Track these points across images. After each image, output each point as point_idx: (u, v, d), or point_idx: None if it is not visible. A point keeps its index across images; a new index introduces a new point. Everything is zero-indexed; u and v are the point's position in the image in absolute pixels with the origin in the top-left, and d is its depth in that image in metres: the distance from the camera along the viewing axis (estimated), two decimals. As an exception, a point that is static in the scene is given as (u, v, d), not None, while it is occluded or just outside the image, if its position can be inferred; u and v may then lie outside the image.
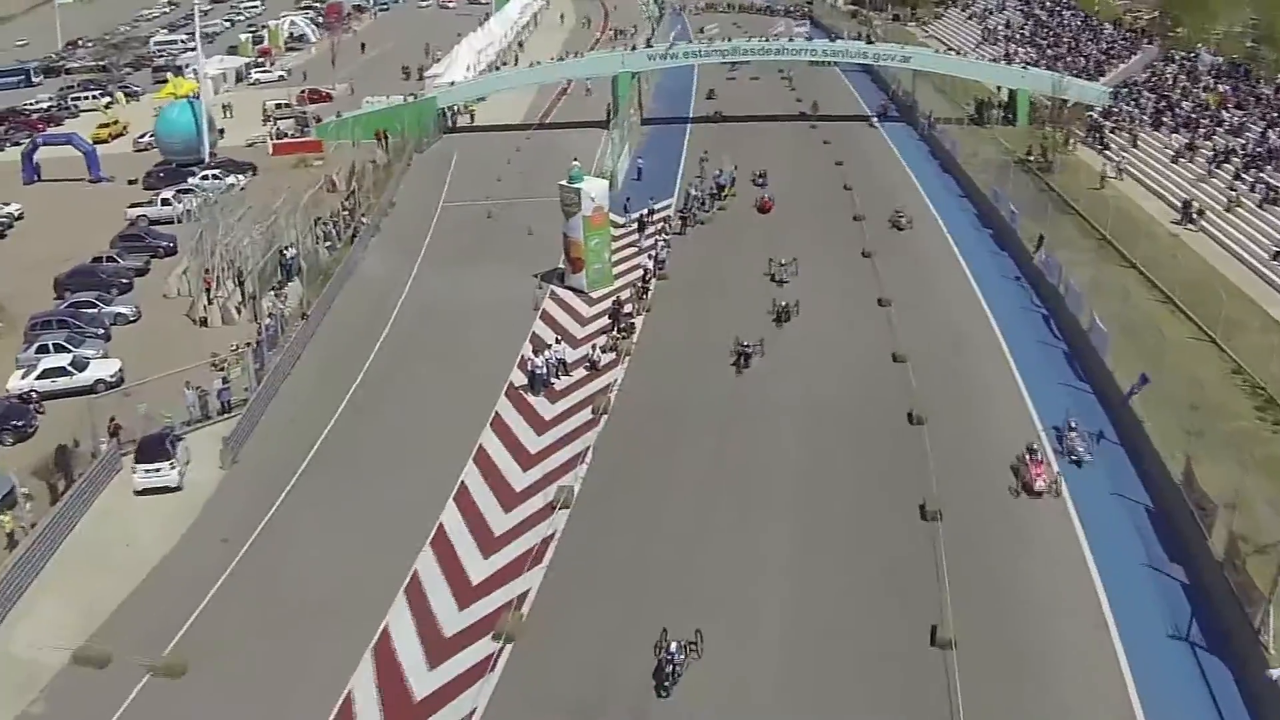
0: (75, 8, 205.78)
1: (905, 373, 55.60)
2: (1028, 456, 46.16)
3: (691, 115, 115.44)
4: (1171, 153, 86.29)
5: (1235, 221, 73.20)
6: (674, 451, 50.29)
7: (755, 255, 71.44)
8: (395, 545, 44.64)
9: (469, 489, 48.70)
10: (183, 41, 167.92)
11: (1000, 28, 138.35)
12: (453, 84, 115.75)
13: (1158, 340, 54.98)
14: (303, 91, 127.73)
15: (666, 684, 35.04)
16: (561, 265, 69.23)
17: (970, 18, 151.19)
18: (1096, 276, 64.09)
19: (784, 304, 62.11)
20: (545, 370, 56.10)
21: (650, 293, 66.25)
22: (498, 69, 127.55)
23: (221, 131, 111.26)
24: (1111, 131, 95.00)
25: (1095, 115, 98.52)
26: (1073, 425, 48.50)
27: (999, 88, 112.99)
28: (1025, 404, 52.61)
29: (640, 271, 68.25)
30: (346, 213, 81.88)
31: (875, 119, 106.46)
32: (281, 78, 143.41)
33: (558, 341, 58.99)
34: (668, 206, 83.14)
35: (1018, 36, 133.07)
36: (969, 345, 59.29)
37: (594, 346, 59.10)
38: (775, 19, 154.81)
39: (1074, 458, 47.30)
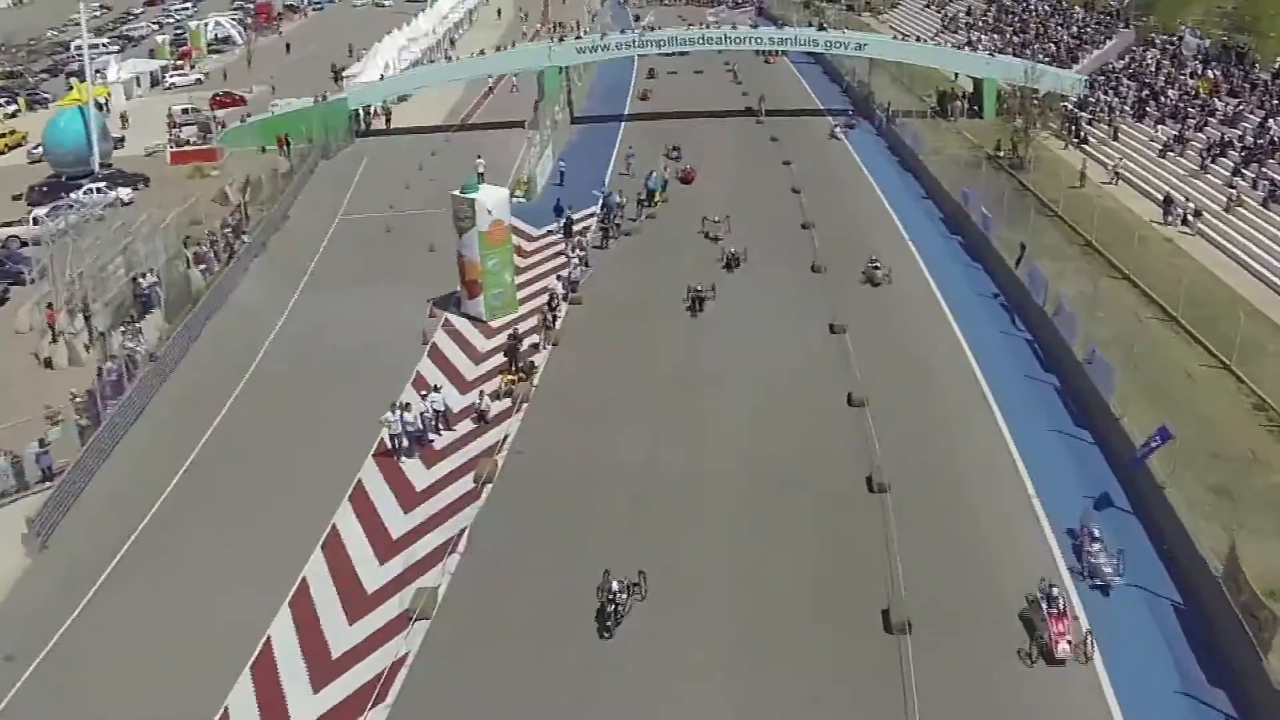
0: (5, 12, 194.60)
1: (864, 421, 44.87)
2: (1044, 605, 32.14)
3: (627, 113, 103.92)
4: (1159, 146, 75.42)
5: (1236, 223, 63.14)
6: (571, 530, 39.31)
7: (686, 271, 60.68)
8: (211, 671, 33.50)
9: (310, 591, 37.43)
10: (104, 45, 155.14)
11: (961, 14, 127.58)
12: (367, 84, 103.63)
13: (1166, 369, 45.86)
14: (214, 95, 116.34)
15: (609, 624, 33.02)
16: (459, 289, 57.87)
17: (928, 5, 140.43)
18: (1085, 290, 53.80)
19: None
20: (413, 428, 44.55)
21: (558, 321, 54.49)
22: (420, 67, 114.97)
23: (120, 140, 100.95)
24: (1089, 123, 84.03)
25: (1070, 106, 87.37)
26: (1095, 534, 36.03)
27: (955, 76, 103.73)
28: (1016, 468, 41.74)
29: (551, 294, 56.70)
30: (229, 230, 70.05)
31: (839, 129, 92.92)
32: (199, 81, 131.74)
33: (436, 389, 46.92)
34: (590, 214, 71.99)
35: (980, 23, 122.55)
36: (939, 383, 48.55)
37: (481, 393, 47.26)
38: (719, 9, 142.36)
39: (1098, 582, 34.71)
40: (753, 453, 43.27)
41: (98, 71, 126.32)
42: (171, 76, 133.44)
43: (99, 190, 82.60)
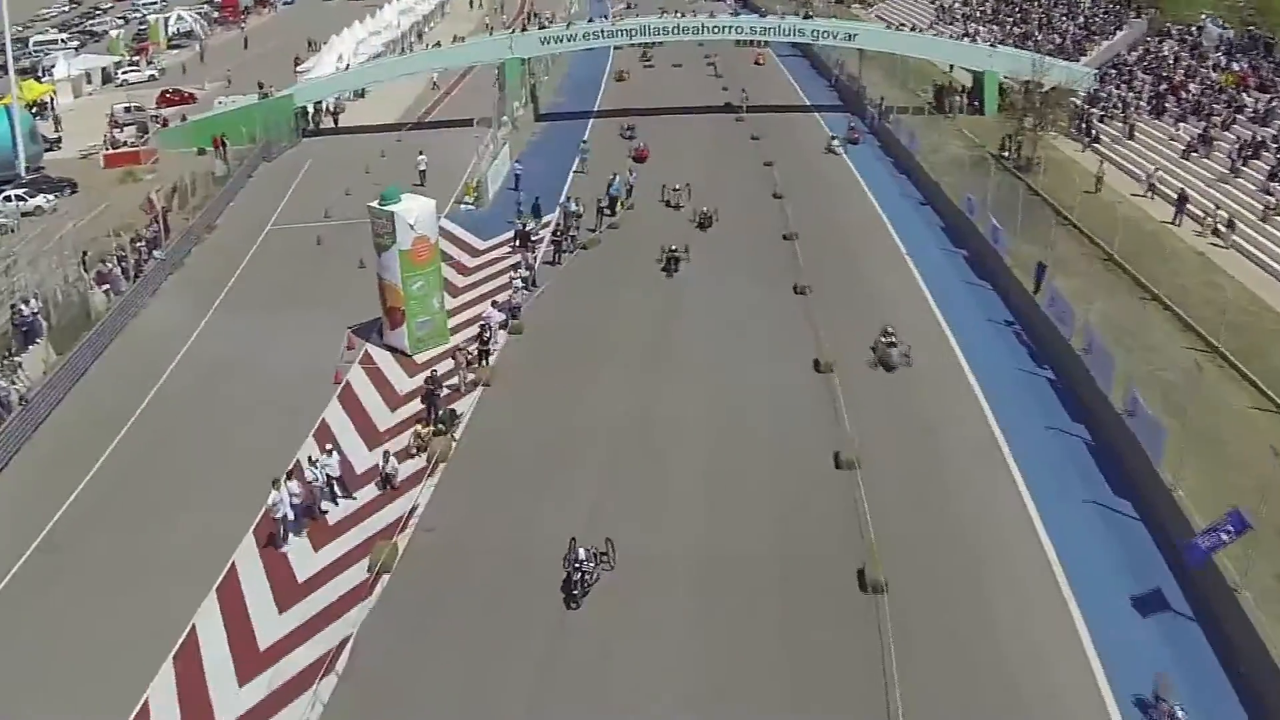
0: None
1: (852, 485, 36.36)
2: None
3: (596, 109, 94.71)
4: (1181, 146, 66.29)
5: (1275, 234, 55.03)
6: (486, 641, 30.67)
7: (651, 296, 52.62)
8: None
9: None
10: (63, 41, 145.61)
11: (957, 4, 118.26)
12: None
13: (1216, 416, 37.92)
14: (163, 92, 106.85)
15: (575, 592, 30.92)
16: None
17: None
18: (1111, 315, 45.76)
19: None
20: (298, 500, 35.21)
21: (491, 357, 45.45)
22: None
23: (56, 142, 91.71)
24: (1101, 120, 75.04)
25: (1080, 102, 78.36)
26: (1175, 714, 25.91)
27: (951, 68, 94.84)
28: (1047, 561, 32.95)
29: (484, 324, 47.38)
30: (143, 243, 61.09)
31: (838, 143, 79.99)
32: (153, 77, 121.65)
33: (328, 451, 37.75)
34: (544, 224, 62.61)
35: (978, 14, 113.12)
36: (946, 439, 39.58)
37: (386, 453, 38.12)
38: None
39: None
40: (722, 543, 34.47)
41: (46, 69, 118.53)
42: (124, 73, 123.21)
43: (17, 198, 73.23)
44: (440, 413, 40.92)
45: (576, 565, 31.06)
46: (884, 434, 39.51)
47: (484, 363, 45.04)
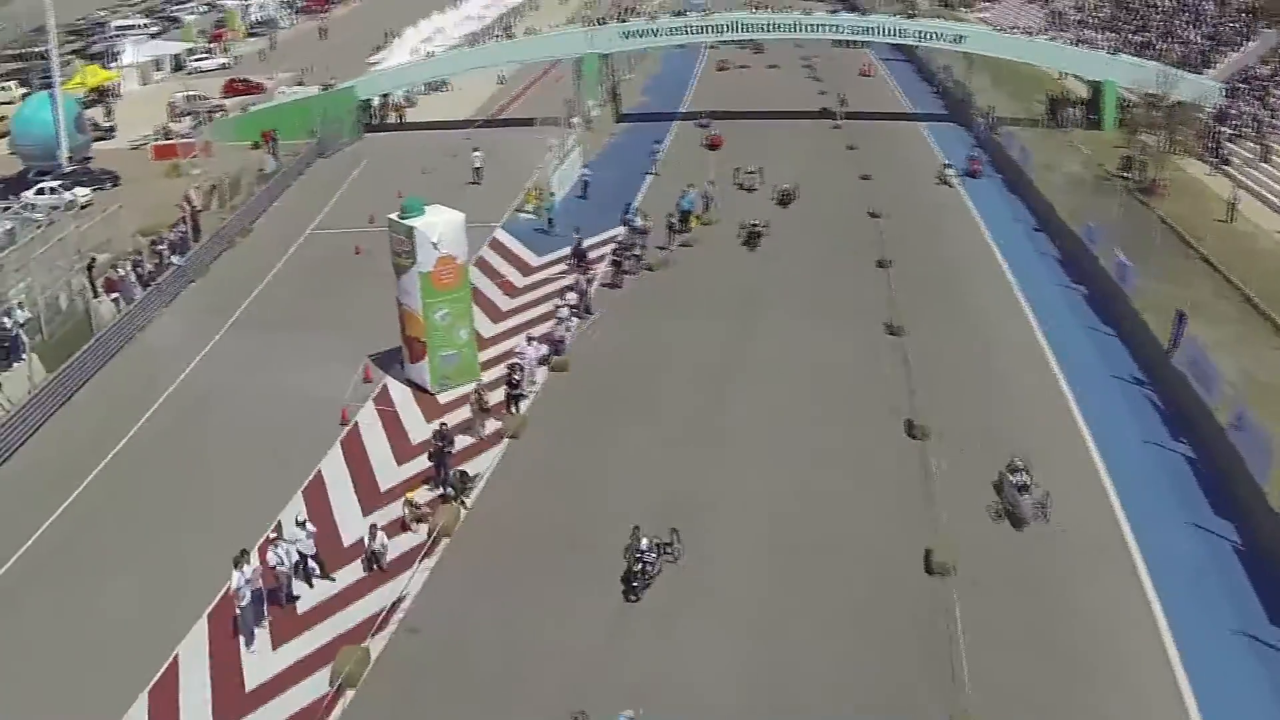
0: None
1: (946, 599, 28.36)
2: None
3: (683, 110, 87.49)
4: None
5: None
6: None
7: (721, 328, 45.11)
8: None
9: None
10: (144, 26, 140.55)
11: (1069, 9, 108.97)
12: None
13: None
14: (229, 81, 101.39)
15: (635, 584, 27.98)
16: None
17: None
18: (1257, 373, 38.13)
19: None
20: (253, 584, 28.41)
21: (524, 403, 38.17)
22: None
23: (110, 130, 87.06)
24: (1230, 140, 66.31)
25: (1206, 118, 69.70)
26: None
27: (1061, 76, 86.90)
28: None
29: (516, 364, 39.93)
30: (165, 246, 54.82)
31: (951, 170, 68.28)
32: (225, 66, 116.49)
33: (300, 523, 30.72)
34: (613, 240, 55.16)
35: (1093, 20, 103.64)
36: (1064, 542, 30.88)
37: (373, 528, 30.83)
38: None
39: None
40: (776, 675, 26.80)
41: (113, 55, 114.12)
42: (195, 60, 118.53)
43: (52, 190, 67.45)
44: (449, 474, 33.37)
45: (638, 555, 28.74)
46: (980, 524, 31.59)
47: (513, 410, 37.60)
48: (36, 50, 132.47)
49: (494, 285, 50.68)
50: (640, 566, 28.59)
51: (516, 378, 37.89)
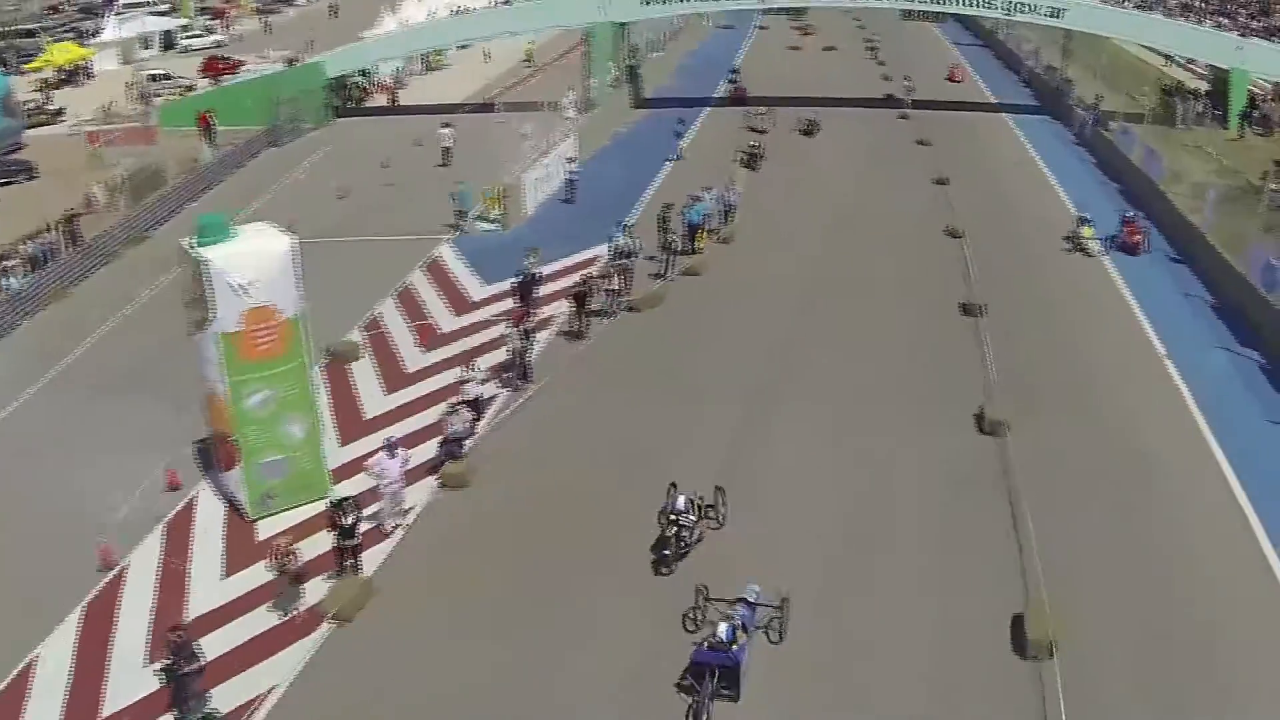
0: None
1: None
2: None
3: (718, 95, 71.72)
4: None
5: None
6: None
7: (730, 415, 29.85)
8: None
9: None
10: (152, 1, 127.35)
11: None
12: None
13: None
14: (208, 60, 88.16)
15: (668, 552, 22.64)
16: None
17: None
18: None
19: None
20: None
21: (357, 559, 22.91)
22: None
23: (57, 114, 73.53)
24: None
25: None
26: None
27: (1168, 60, 71.37)
28: None
29: (385, 474, 24.70)
30: (21, 262, 41.34)
31: (1094, 238, 42.75)
32: (219, 44, 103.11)
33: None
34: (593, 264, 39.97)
35: (1201, 3, 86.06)
36: None
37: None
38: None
39: None
40: None
41: (91, 32, 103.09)
42: (187, 38, 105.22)
43: (-61, 186, 55.12)
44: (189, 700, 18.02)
45: (673, 518, 22.82)
46: None
47: (349, 569, 22.00)
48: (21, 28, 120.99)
49: (409, 330, 35.50)
50: (675, 531, 23.05)
51: (351, 519, 22.08)
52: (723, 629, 19.63)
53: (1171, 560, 23.22)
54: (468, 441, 27.00)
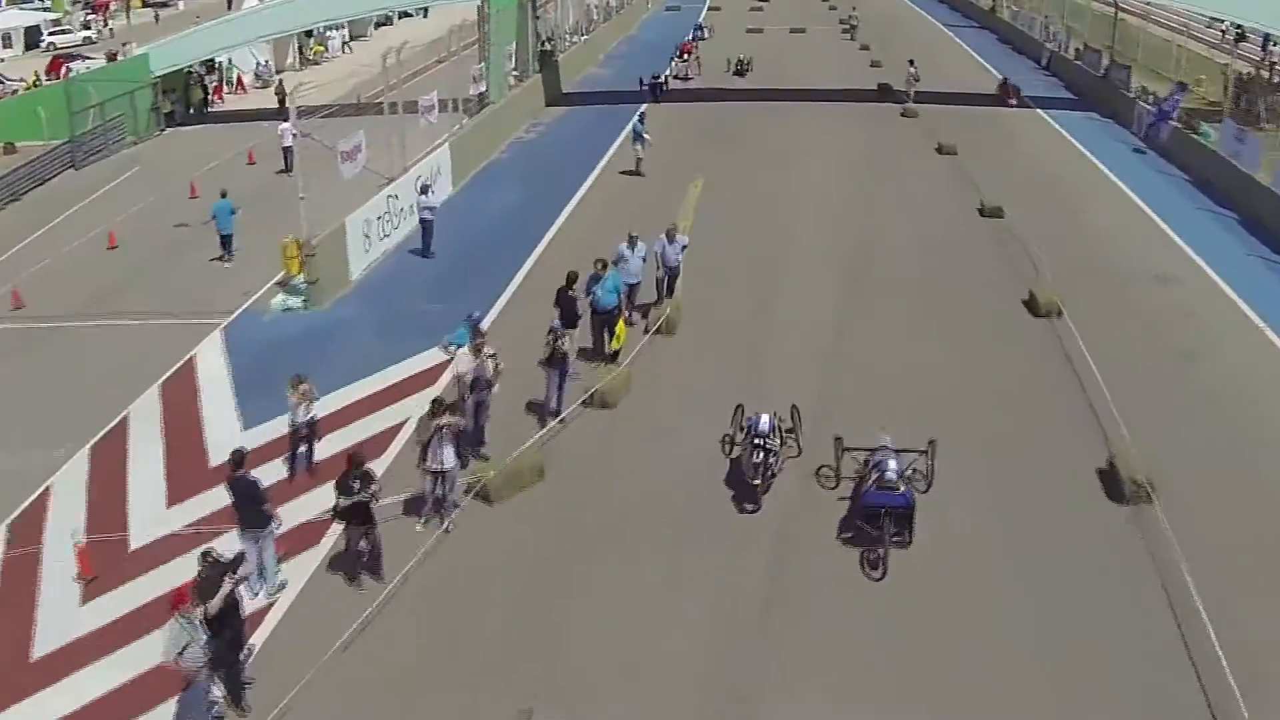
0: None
1: None
2: None
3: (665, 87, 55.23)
4: None
5: None
6: None
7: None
8: None
9: None
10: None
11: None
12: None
13: None
14: (55, 58, 74.61)
15: (756, 483, 18.68)
16: None
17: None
18: None
19: None
20: None
21: None
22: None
23: None
24: None
25: None
26: None
27: (1236, 37, 58.50)
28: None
29: None
30: None
31: None
32: (89, 40, 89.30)
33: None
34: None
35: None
36: None
37: None
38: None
39: None
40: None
41: None
42: (51, 34, 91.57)
43: None
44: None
45: (757, 442, 18.52)
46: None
47: None
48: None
49: (71, 544, 18.31)
50: (763, 455, 18.25)
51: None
52: (891, 466, 17.45)
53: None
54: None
